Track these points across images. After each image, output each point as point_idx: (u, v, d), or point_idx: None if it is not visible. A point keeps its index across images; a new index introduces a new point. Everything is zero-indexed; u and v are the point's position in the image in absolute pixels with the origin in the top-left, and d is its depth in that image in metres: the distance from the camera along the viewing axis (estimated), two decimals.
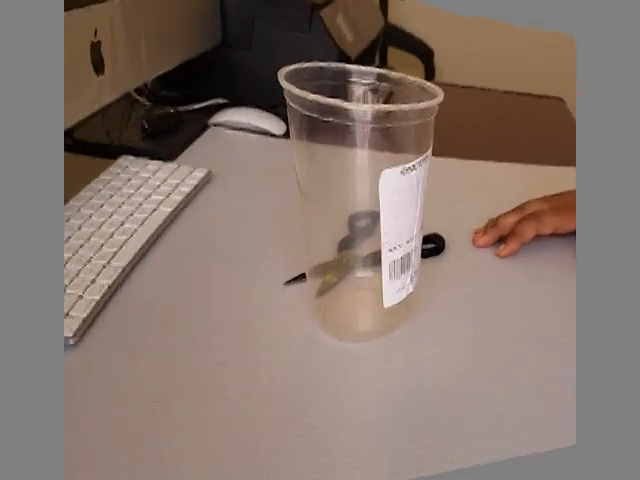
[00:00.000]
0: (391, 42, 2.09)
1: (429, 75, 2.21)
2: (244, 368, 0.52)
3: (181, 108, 0.99)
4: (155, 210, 0.77)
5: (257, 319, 0.59)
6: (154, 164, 0.87)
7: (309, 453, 0.45)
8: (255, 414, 0.48)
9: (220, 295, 0.63)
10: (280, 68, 0.50)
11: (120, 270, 0.65)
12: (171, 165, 0.86)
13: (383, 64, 2.02)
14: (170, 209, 0.77)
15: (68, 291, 0.59)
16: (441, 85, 0.54)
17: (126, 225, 0.74)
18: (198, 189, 0.82)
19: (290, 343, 0.56)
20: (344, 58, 0.95)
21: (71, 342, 0.52)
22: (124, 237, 0.72)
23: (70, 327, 0.53)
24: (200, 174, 0.83)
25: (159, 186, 0.81)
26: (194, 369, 0.52)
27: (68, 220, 0.75)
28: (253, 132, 0.97)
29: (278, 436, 0.46)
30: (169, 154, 0.90)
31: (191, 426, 0.46)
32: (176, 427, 0.46)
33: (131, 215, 0.76)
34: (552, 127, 1.14)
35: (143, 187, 0.82)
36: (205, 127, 0.99)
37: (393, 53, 2.21)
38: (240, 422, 0.47)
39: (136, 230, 0.73)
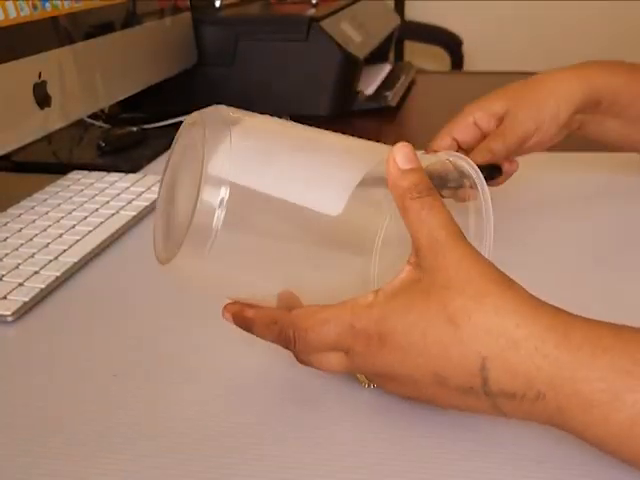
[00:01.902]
0: (410, 37, 1.96)
1: (457, 64, 2.03)
2: (219, 354, 0.46)
3: (147, 126, 0.89)
4: (114, 214, 0.65)
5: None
6: (113, 175, 0.75)
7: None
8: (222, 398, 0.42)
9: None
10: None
11: (71, 264, 0.55)
12: (134, 175, 0.74)
13: (399, 59, 1.93)
14: (134, 213, 0.65)
15: (5, 279, 0.54)
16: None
17: (78, 228, 0.62)
18: None
19: None
20: (351, 59, 0.92)
21: (9, 319, 0.50)
22: (76, 237, 0.60)
23: (9, 307, 0.50)
24: None
25: (119, 194, 0.70)
26: (159, 352, 0.47)
27: (6, 224, 0.63)
28: None
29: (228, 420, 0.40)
30: (132, 167, 0.79)
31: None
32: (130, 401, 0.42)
33: (84, 219, 0.64)
34: None
35: (99, 195, 0.70)
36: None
37: (414, 49, 2.10)
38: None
39: (91, 231, 0.61)
